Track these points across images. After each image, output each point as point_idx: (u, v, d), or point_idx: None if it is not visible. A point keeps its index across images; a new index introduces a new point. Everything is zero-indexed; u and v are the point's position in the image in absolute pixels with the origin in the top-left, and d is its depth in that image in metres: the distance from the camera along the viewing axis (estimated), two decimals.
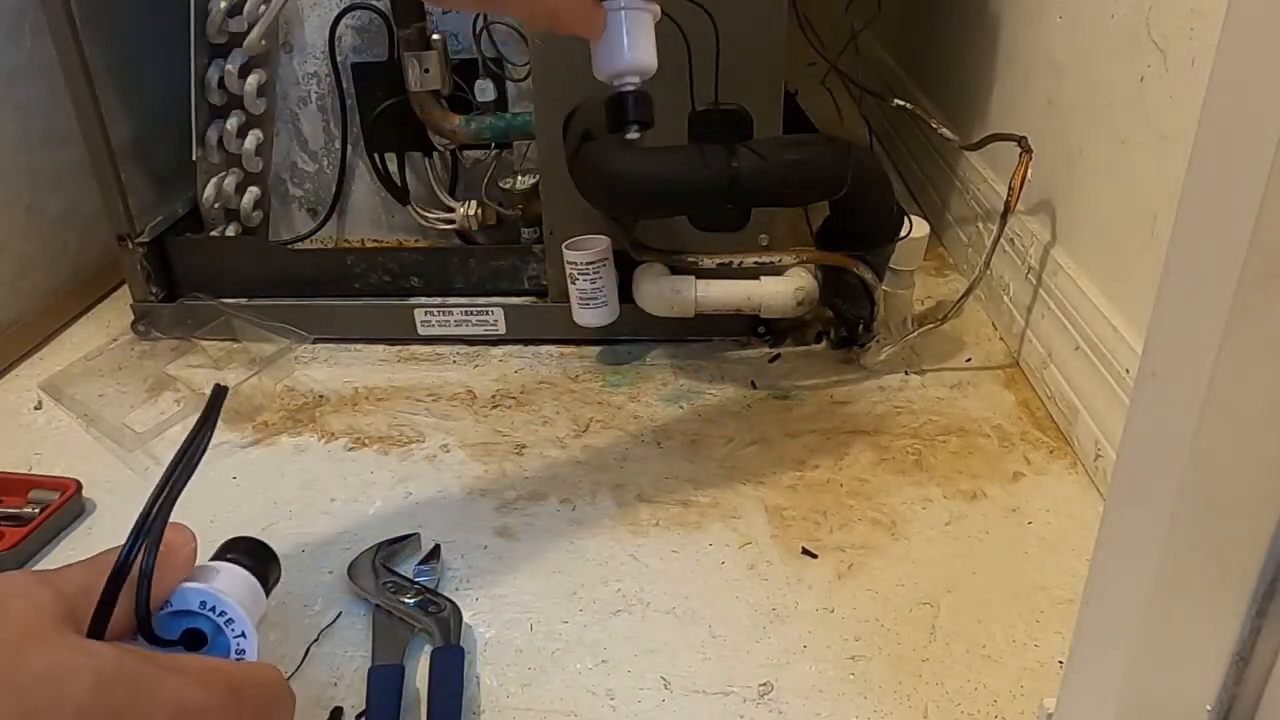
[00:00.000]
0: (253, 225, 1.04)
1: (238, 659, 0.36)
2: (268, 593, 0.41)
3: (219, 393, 0.38)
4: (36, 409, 0.89)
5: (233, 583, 0.38)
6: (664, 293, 0.87)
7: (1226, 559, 0.34)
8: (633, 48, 0.55)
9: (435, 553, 0.68)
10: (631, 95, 0.57)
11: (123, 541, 0.33)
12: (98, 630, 0.31)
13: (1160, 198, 0.66)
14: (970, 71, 1.05)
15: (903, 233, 0.84)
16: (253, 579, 0.40)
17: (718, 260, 0.86)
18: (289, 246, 1.01)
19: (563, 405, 0.86)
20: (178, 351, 0.95)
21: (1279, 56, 0.27)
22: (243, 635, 0.36)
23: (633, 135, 0.58)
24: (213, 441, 0.39)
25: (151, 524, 0.33)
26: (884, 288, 0.87)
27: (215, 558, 0.41)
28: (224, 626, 0.36)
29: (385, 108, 0.97)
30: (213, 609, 0.36)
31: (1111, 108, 0.73)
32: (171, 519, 0.35)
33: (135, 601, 0.33)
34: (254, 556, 0.41)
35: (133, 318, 0.98)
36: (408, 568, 0.67)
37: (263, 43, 0.96)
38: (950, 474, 0.75)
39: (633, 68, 0.55)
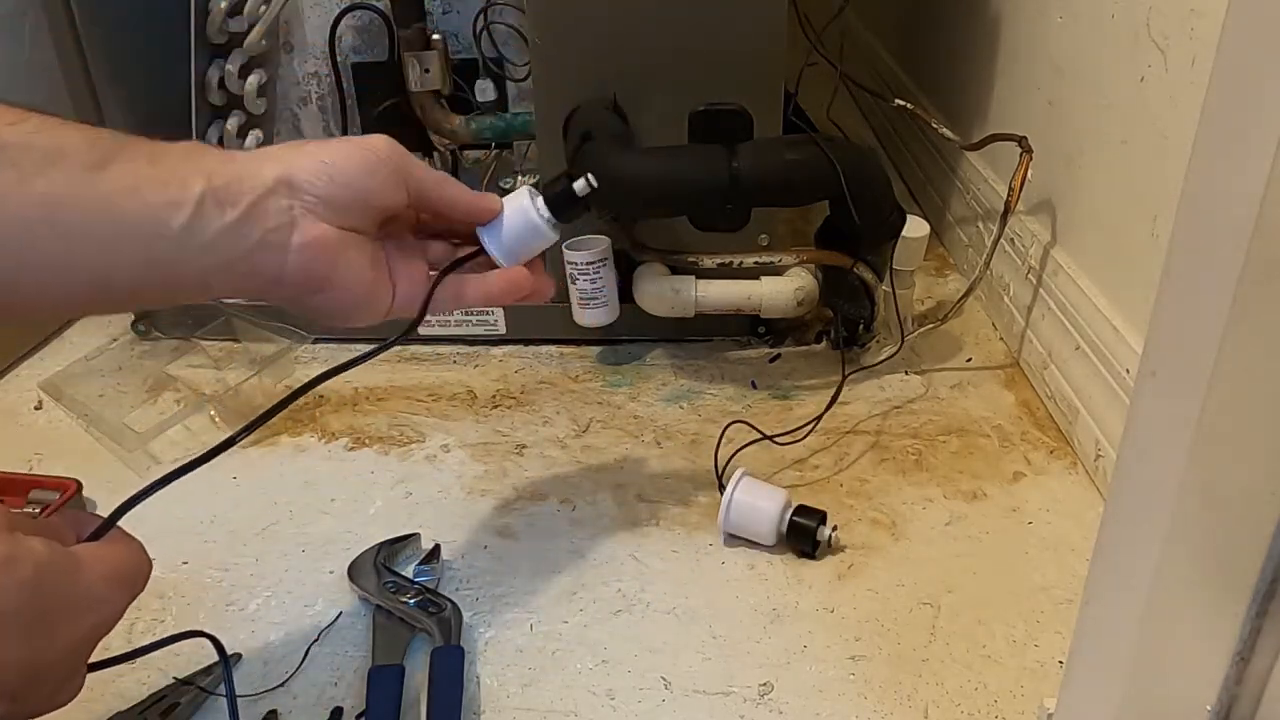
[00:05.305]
0: None
1: None
2: None
3: None
4: (36, 409, 0.89)
5: None
6: (664, 293, 0.87)
7: (1226, 559, 0.34)
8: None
9: (435, 553, 0.68)
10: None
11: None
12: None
13: (1160, 198, 0.66)
14: (970, 71, 1.05)
15: (902, 232, 0.84)
16: None
17: (718, 260, 0.86)
18: None
19: (563, 405, 0.86)
20: (178, 351, 0.95)
21: (1279, 56, 0.27)
22: None
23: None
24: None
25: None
26: (884, 288, 0.87)
27: None
28: None
29: (385, 108, 0.97)
30: None
31: (1111, 108, 0.73)
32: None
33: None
34: None
35: (133, 317, 0.98)
36: (408, 568, 0.67)
37: (263, 43, 0.96)
38: (950, 474, 0.75)
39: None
